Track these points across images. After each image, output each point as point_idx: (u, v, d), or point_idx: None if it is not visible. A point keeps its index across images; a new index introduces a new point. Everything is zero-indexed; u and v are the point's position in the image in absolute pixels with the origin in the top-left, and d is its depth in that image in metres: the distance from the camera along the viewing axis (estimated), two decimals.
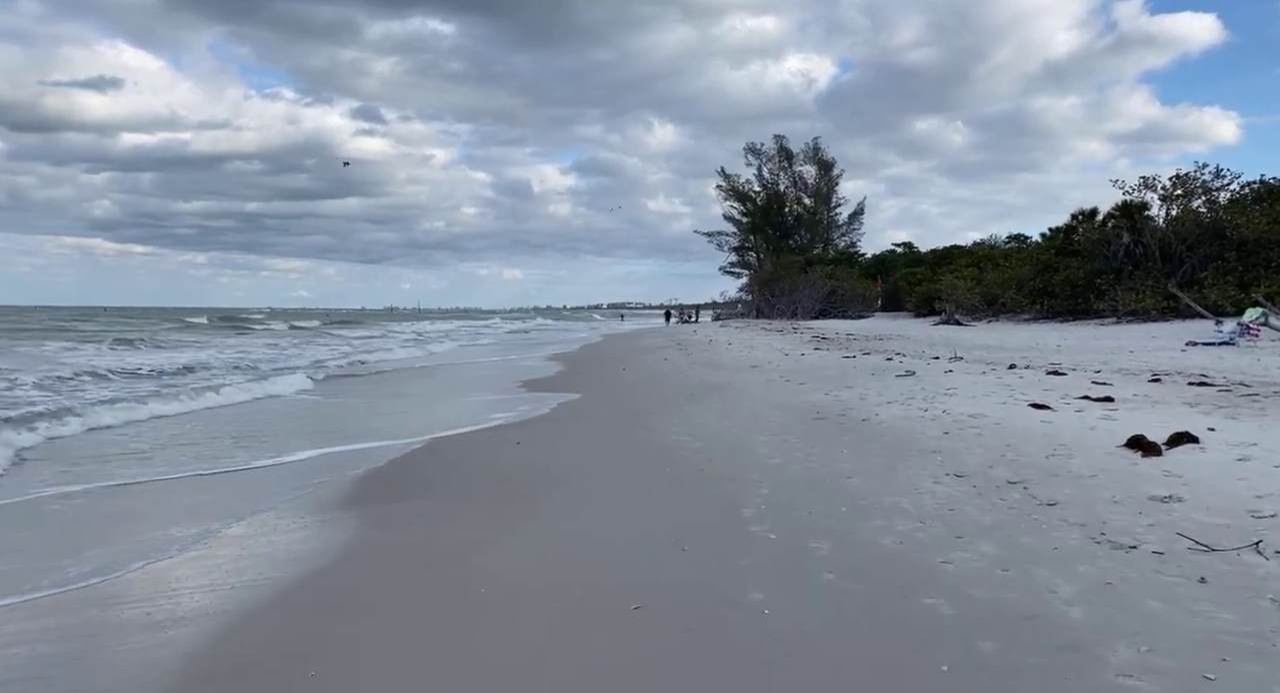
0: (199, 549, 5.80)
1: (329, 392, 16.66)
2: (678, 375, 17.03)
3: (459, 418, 12.59)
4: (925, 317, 44.89)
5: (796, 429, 9.18)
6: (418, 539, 5.94)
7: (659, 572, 4.82)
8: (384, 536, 6.10)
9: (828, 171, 74.68)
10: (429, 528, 6.25)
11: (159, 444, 10.13)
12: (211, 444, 10.16)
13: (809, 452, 7.93)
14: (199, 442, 10.32)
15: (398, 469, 8.75)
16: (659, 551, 5.22)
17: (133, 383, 17.37)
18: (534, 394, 15.51)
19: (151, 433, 10.97)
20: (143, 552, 5.69)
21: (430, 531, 6.19)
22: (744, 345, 24.55)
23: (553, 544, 5.59)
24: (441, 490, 7.61)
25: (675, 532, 5.63)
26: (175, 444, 10.12)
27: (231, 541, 6.04)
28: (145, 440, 10.37)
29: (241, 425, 11.73)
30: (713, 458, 8.06)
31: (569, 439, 10.05)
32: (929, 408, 9.58)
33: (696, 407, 11.77)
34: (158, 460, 9.12)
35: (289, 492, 7.75)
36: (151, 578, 5.23)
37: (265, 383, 16.73)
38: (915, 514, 5.55)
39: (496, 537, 5.86)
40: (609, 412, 12.36)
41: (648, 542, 5.44)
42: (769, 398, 12.02)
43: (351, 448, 9.80)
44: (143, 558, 5.56)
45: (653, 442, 9.30)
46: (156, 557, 5.60)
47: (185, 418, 12.38)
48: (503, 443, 9.96)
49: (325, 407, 14.34)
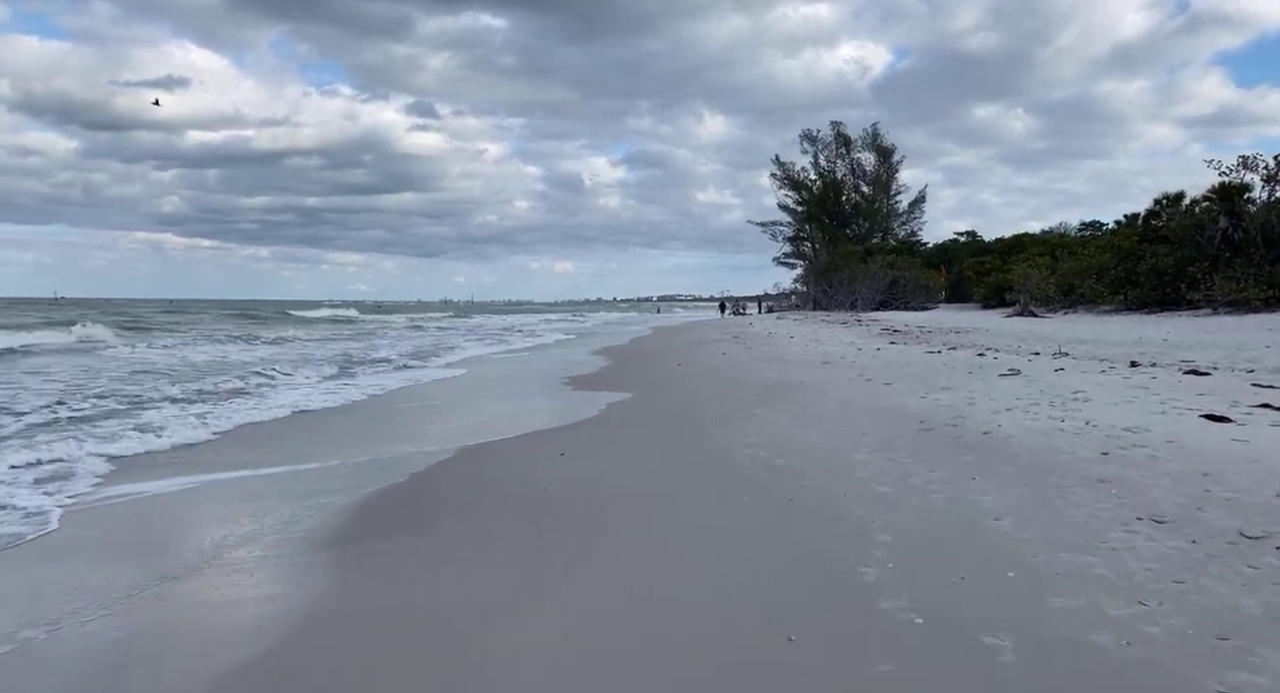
0: (120, 615, 4.30)
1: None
2: (739, 372, 15.32)
3: (496, 419, 11.08)
4: (994, 308, 42.43)
5: (901, 443, 7.44)
6: (411, 601, 4.37)
7: (758, 684, 3.18)
8: (367, 594, 4.55)
9: (887, 158, 71.94)
10: (429, 581, 4.68)
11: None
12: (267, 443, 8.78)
13: (927, 476, 6.20)
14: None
15: (417, 486, 7.25)
16: (752, 638, 3.59)
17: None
18: (580, 393, 13.94)
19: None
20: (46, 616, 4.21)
21: (430, 585, 4.62)
22: (808, 338, 22.70)
23: (594, 618, 3.98)
24: (460, 520, 6.06)
25: (770, 603, 3.99)
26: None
27: (167, 603, 4.54)
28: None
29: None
30: (802, 482, 6.38)
31: (620, 450, 8.44)
32: (1064, 418, 7.77)
33: (768, 410, 10.08)
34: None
35: (284, 511, 6.29)
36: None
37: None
38: (1123, 587, 3.82)
39: (517, 599, 4.29)
40: (665, 415, 10.72)
41: (734, 622, 3.81)
42: (855, 401, 10.27)
43: (366, 459, 8.33)
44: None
45: (721, 456, 7.65)
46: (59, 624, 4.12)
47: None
48: (544, 453, 8.40)
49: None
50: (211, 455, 8.73)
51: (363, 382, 16.41)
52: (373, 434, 10.22)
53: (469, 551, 5.30)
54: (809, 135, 72.37)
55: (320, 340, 33.80)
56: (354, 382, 16.43)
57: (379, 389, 14.94)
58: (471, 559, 5.10)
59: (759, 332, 27.98)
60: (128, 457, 8.56)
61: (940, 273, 53.88)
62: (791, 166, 72.96)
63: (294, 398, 13.37)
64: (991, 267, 46.55)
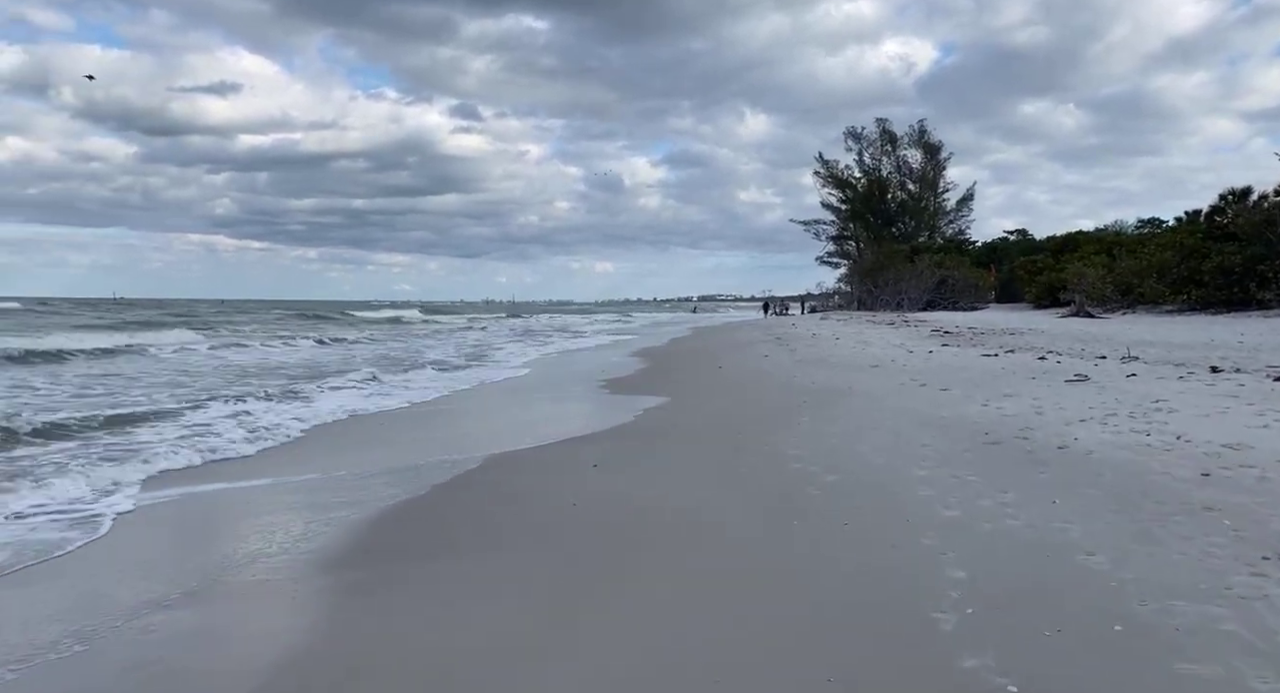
0: (98, 653, 3.81)
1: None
2: (783, 375, 14.63)
3: (530, 424, 10.56)
4: (1047, 308, 41.06)
5: (966, 459, 6.74)
6: (415, 641, 3.82)
7: None
8: (366, 632, 4.01)
9: (934, 155, 70.28)
10: (438, 617, 4.12)
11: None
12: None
13: (999, 498, 5.52)
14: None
15: (437, 500, 6.73)
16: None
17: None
18: (616, 397, 13.37)
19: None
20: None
21: (439, 622, 4.07)
22: (854, 340, 21.89)
23: (622, 671, 3.39)
24: (478, 541, 5.51)
25: (829, 656, 3.38)
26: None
27: (152, 638, 4.03)
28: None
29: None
30: (856, 503, 5.73)
31: (655, 462, 7.85)
32: (1149, 431, 7.01)
33: (815, 418, 9.41)
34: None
35: (297, 526, 5.81)
36: None
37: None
38: (1267, 650, 3.14)
39: (537, 641, 3.72)
40: (705, 422, 10.10)
41: (785, 681, 3.19)
42: (909, 408, 9.56)
43: (388, 467, 7.83)
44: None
45: (765, 470, 7.02)
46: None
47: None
48: (575, 464, 7.84)
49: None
50: (261, 464, 8.31)
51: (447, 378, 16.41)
52: (407, 440, 9.75)
53: (485, 579, 4.75)
54: (853, 132, 71.04)
55: (393, 338, 35.47)
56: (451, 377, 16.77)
57: (447, 389, 14.54)
58: (486, 591, 4.54)
59: (802, 333, 27.19)
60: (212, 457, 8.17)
61: (989, 272, 52.43)
62: (835, 164, 71.70)
63: (341, 400, 12.94)
64: (1044, 265, 45.10)
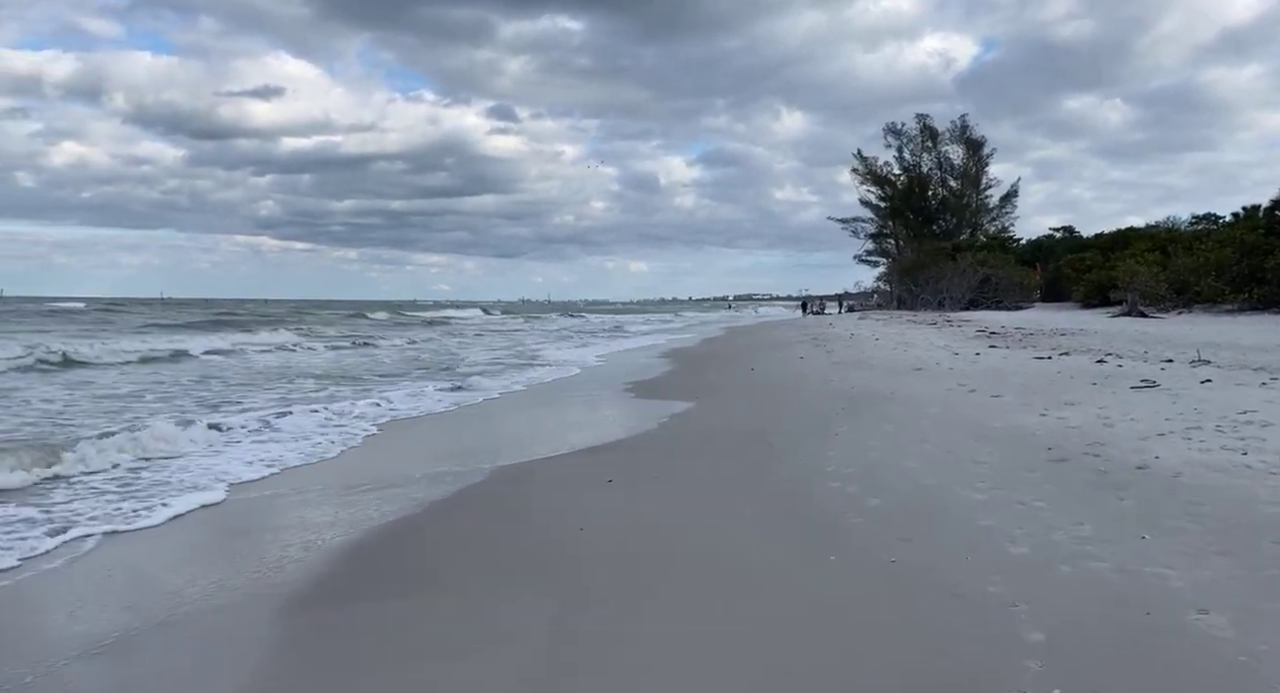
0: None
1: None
2: (819, 379, 13.75)
3: (545, 433, 9.84)
4: (1096, 307, 39.55)
5: (1029, 479, 5.87)
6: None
7: None
8: (317, 687, 3.29)
9: (976, 151, 68.50)
10: (407, 676, 3.39)
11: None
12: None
13: (1075, 532, 4.65)
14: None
15: (431, 520, 6.03)
16: None
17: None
18: (641, 402, 12.60)
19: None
20: None
21: (407, 680, 3.34)
22: (895, 341, 20.88)
23: None
24: (470, 572, 4.79)
25: None
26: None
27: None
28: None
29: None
30: (905, 532, 4.90)
31: (678, 478, 7.06)
32: (1244, 449, 6.07)
33: (854, 427, 8.56)
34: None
35: (272, 550, 5.14)
36: None
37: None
38: None
39: None
40: (733, 430, 9.29)
41: None
42: (959, 417, 8.67)
43: (389, 480, 7.14)
44: None
45: (798, 489, 6.20)
46: None
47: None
48: (588, 479, 7.10)
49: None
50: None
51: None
52: (430, 450, 9.08)
53: (468, 624, 4.02)
54: (893, 129, 69.46)
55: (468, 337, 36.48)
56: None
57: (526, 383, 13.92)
58: (468, 640, 3.81)
59: (840, 333, 26.20)
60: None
61: (1034, 270, 50.83)
62: (874, 161, 70.22)
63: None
64: (1093, 263, 43.55)
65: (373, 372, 18.61)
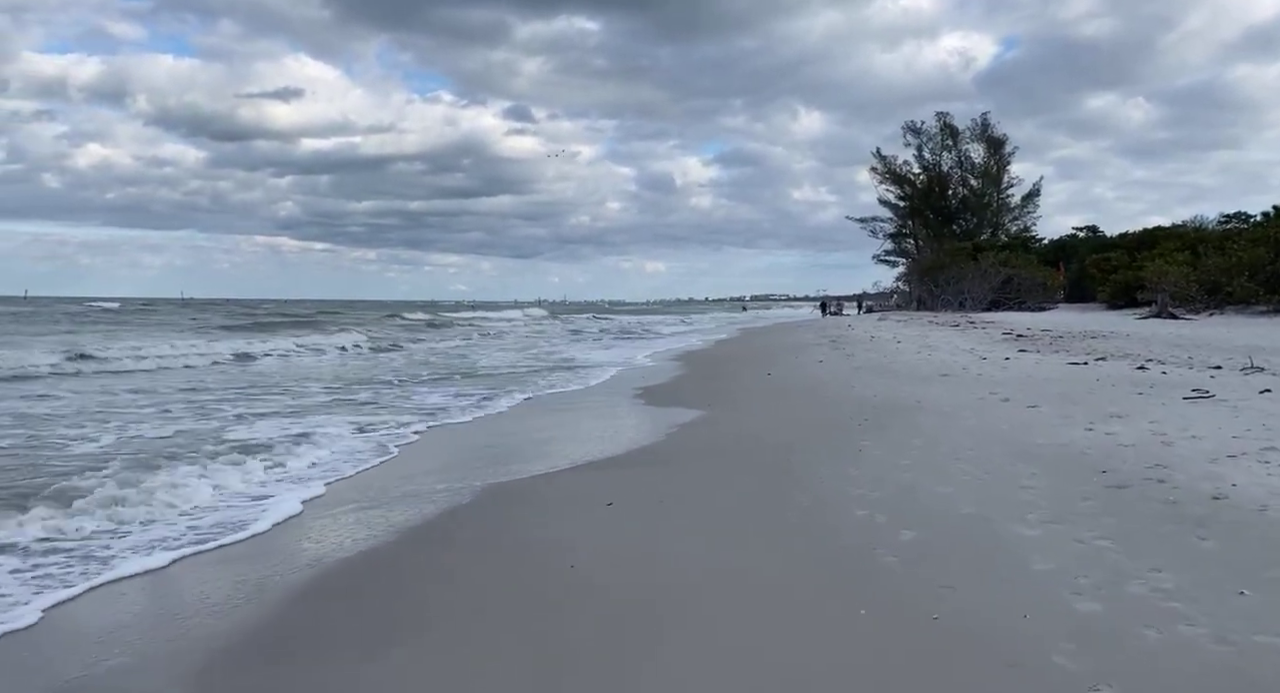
0: None
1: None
2: (840, 385, 12.99)
3: (544, 445, 9.14)
4: (1122, 308, 38.50)
5: (1087, 511, 5.10)
6: None
7: None
8: None
9: (998, 150, 67.32)
10: None
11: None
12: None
13: (1153, 581, 3.90)
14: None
15: (401, 554, 5.34)
16: None
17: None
18: (649, 409, 11.87)
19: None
20: None
21: None
22: (917, 344, 20.05)
23: None
24: (434, 626, 4.08)
25: None
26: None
27: None
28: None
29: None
30: (947, 579, 4.15)
31: (683, 501, 6.33)
32: None
33: (880, 442, 7.81)
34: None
35: (214, 597, 4.43)
36: None
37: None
38: None
39: None
40: (747, 444, 8.55)
41: None
42: (995, 431, 7.90)
43: (365, 502, 6.44)
44: None
45: (820, 519, 5.47)
46: None
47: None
48: (585, 501, 6.40)
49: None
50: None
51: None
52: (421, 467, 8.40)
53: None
54: (912, 127, 68.35)
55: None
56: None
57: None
58: None
59: (860, 335, 25.38)
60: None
61: (1058, 270, 49.72)
62: (893, 160, 69.18)
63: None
64: (1119, 263, 42.45)
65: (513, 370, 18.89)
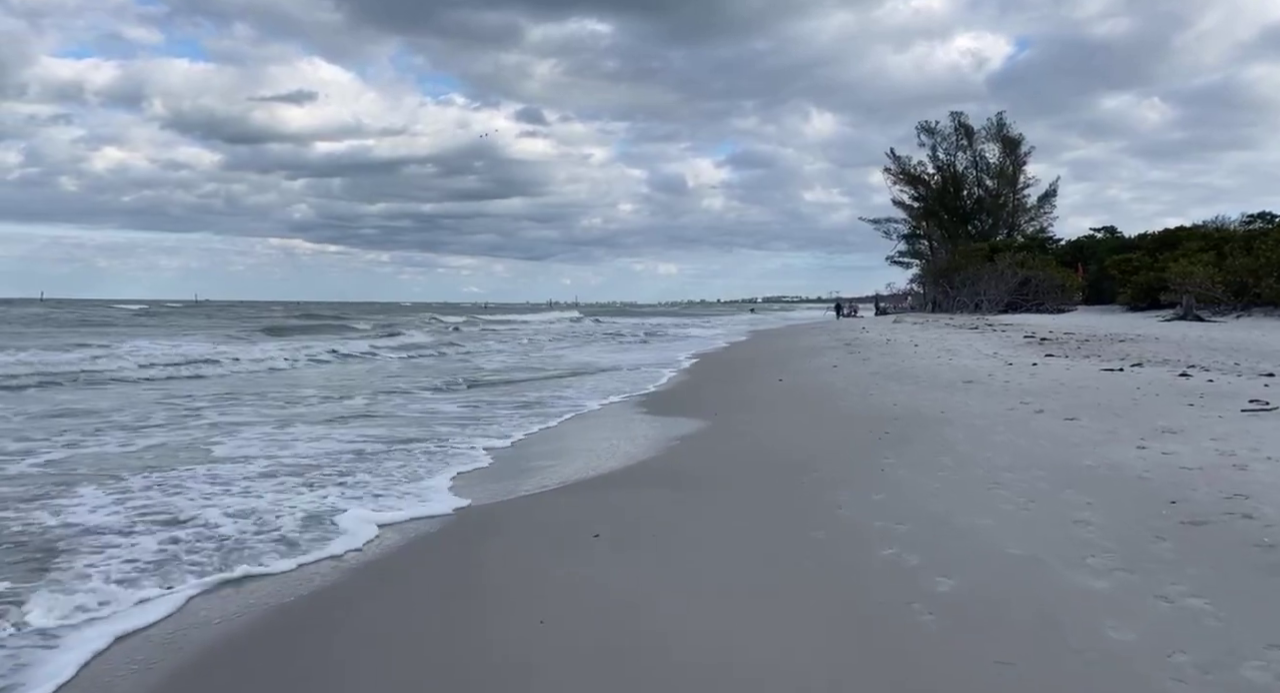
0: None
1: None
2: (856, 393, 12.12)
3: (533, 459, 8.32)
4: (1144, 310, 37.49)
5: (1161, 556, 4.24)
6: None
7: None
8: None
9: (1013, 150, 66.22)
10: None
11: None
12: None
13: (1271, 660, 3.05)
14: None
15: (344, 598, 4.54)
16: None
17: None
18: (650, 419, 11.04)
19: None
20: None
21: None
22: (936, 347, 19.14)
23: None
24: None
25: None
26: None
27: None
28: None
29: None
30: (1002, 650, 3.30)
31: (682, 532, 5.50)
32: None
33: (904, 461, 6.96)
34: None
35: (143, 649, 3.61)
36: None
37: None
38: None
39: None
40: (753, 461, 7.71)
41: None
42: (1033, 449, 7.03)
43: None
44: None
45: (840, 562, 4.63)
46: None
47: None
48: (569, 530, 5.58)
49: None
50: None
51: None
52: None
53: None
54: (927, 127, 67.29)
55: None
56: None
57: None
58: None
59: (875, 338, 24.48)
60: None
61: (1077, 271, 48.63)
62: (907, 160, 68.17)
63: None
64: (1140, 264, 41.37)
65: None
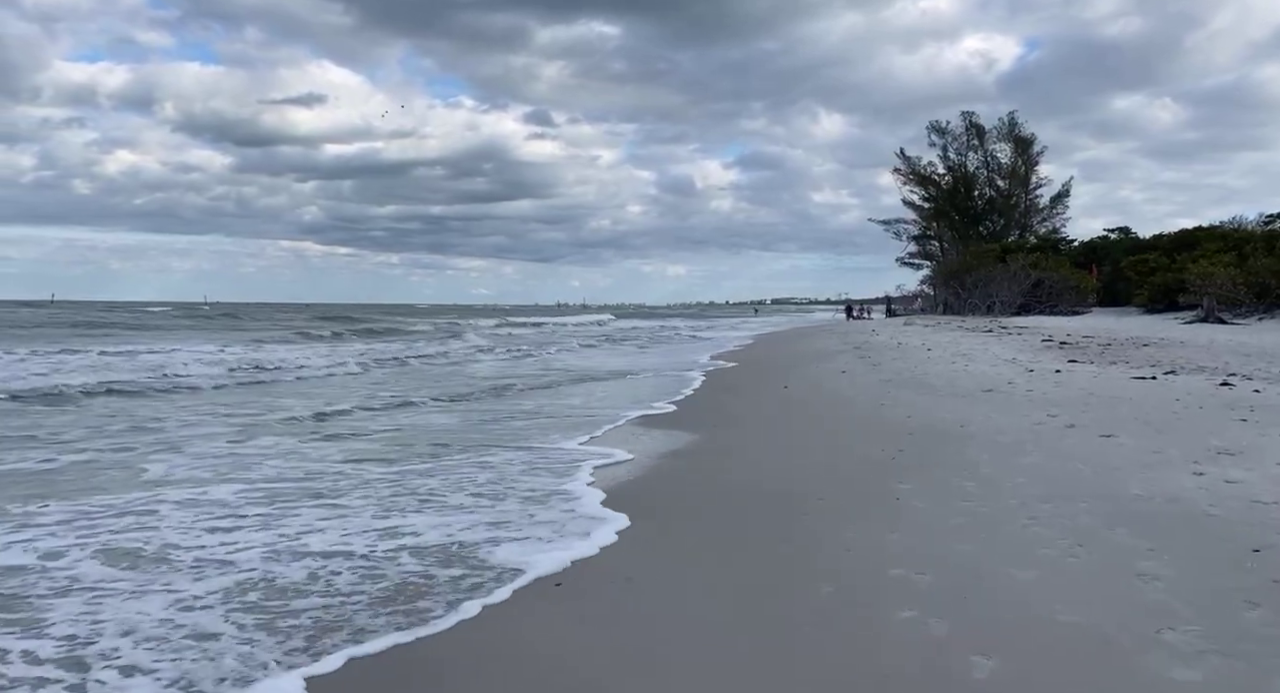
0: None
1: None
2: (867, 403, 11.25)
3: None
4: (1161, 312, 36.47)
5: (1259, 630, 3.38)
6: None
7: None
8: None
9: (1025, 150, 65.20)
10: None
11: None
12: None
13: None
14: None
15: None
16: None
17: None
18: (639, 432, 10.16)
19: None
20: None
21: None
22: (950, 352, 18.23)
23: None
24: None
25: None
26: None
27: None
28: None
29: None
30: None
31: (659, 579, 4.63)
32: None
33: (922, 487, 6.09)
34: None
35: None
36: None
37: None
38: None
39: None
40: (749, 487, 6.83)
41: None
42: (1071, 475, 6.15)
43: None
44: None
45: (849, 627, 3.76)
46: None
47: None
48: (533, 585, 4.72)
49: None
50: None
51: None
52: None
53: None
54: (937, 127, 66.34)
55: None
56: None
57: None
58: None
59: (885, 341, 23.58)
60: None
61: (1091, 272, 47.57)
62: (918, 161, 67.22)
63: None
64: (1158, 265, 40.34)
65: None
